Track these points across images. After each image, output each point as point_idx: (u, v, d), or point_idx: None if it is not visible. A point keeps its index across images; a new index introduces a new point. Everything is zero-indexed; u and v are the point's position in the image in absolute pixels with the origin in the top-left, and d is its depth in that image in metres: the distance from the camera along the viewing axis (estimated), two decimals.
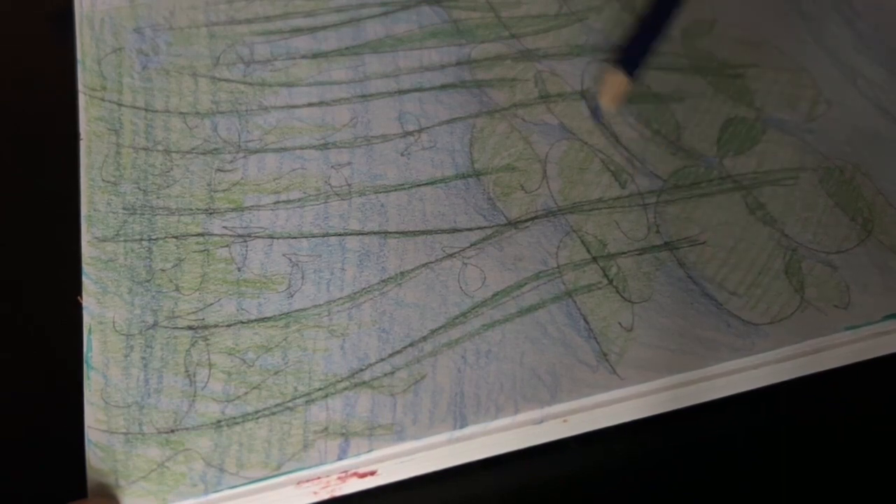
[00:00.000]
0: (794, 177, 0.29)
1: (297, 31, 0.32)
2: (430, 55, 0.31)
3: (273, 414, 0.23)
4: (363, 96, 0.30)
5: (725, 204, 0.28)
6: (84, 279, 0.25)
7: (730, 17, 0.34)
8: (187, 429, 0.23)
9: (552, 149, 0.29)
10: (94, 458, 0.22)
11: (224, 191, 0.27)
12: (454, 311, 0.25)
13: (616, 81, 0.29)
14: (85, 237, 0.26)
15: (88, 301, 0.25)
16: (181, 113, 0.29)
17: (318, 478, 0.23)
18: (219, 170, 0.28)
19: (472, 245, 0.27)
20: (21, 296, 0.27)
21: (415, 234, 0.27)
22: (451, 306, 0.25)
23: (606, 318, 0.25)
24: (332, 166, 0.28)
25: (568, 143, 0.29)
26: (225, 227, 0.26)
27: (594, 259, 0.26)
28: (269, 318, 0.25)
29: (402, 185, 0.28)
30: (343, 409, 0.23)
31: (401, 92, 0.30)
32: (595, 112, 0.29)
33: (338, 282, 0.25)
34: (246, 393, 0.23)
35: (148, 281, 0.25)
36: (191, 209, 0.27)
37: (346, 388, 0.23)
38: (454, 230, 0.27)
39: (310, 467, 0.22)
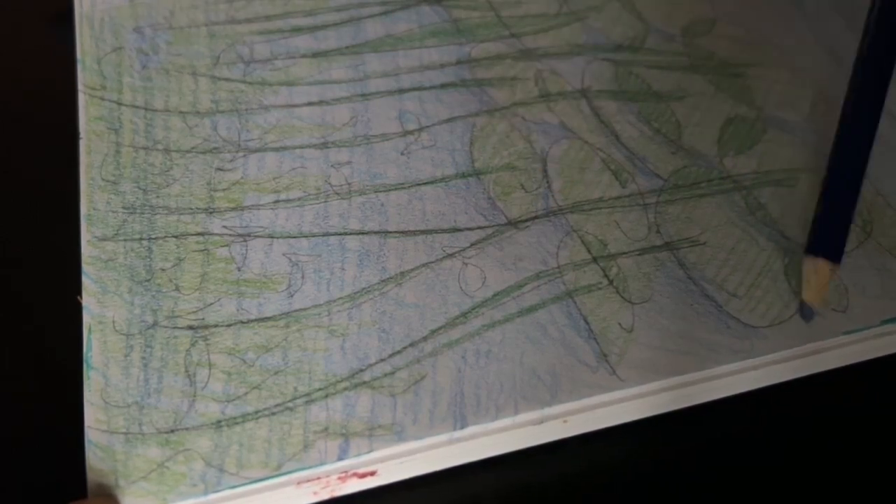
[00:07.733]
0: (794, 177, 0.29)
1: (297, 30, 0.32)
2: (431, 54, 0.31)
3: (273, 414, 0.23)
4: (363, 95, 0.30)
5: (725, 204, 0.28)
6: (84, 279, 0.25)
7: (730, 16, 0.34)
8: (187, 429, 0.23)
9: (552, 148, 0.29)
10: (94, 458, 0.22)
11: (224, 190, 0.27)
12: (454, 311, 0.25)
13: (821, 272, 0.26)
14: (85, 237, 0.26)
15: (88, 301, 0.25)
16: (181, 112, 0.29)
17: (318, 478, 0.23)
18: (219, 169, 0.28)
19: (472, 245, 0.27)
20: (21, 296, 0.27)
21: (415, 233, 0.27)
22: (452, 306, 0.25)
23: (606, 318, 0.25)
24: (331, 165, 0.28)
25: (568, 143, 0.29)
26: (225, 227, 0.26)
27: (594, 259, 0.26)
28: (269, 318, 0.25)
29: (402, 184, 0.28)
30: (343, 409, 0.23)
31: (401, 91, 0.30)
32: (805, 314, 0.26)
33: (338, 282, 0.25)
34: (246, 393, 0.23)
35: (148, 280, 0.25)
36: (191, 208, 0.27)
37: (346, 389, 0.23)
38: (454, 230, 0.27)
39: (310, 467, 0.22)
